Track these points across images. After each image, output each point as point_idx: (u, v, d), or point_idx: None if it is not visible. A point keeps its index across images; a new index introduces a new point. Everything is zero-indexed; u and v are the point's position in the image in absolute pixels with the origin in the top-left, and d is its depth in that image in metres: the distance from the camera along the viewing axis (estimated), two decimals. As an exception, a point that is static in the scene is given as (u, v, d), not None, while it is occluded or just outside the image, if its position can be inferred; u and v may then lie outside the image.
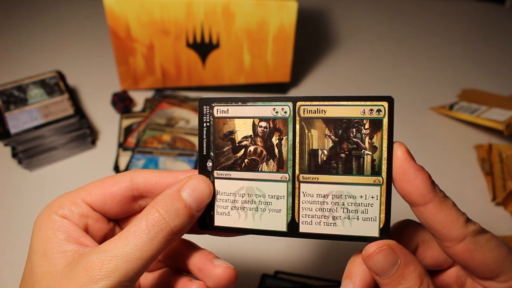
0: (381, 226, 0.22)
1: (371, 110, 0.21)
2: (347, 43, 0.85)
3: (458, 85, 0.73)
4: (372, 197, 0.22)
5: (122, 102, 0.62)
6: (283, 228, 0.23)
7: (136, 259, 0.21)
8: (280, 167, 0.23)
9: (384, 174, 0.22)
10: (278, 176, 0.23)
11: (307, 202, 0.23)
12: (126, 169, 0.54)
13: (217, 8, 0.59)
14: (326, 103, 0.22)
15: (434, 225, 0.22)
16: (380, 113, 0.21)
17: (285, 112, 0.23)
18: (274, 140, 0.23)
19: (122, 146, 0.58)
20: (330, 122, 0.22)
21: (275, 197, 0.23)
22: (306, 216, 0.23)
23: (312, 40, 0.85)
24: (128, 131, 0.60)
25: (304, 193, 0.23)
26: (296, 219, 0.23)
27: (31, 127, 0.52)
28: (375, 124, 0.21)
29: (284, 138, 0.23)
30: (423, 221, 0.23)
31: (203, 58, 0.64)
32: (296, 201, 0.23)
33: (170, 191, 0.24)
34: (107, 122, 0.62)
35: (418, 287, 0.21)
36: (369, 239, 0.22)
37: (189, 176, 0.25)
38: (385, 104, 0.21)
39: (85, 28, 0.86)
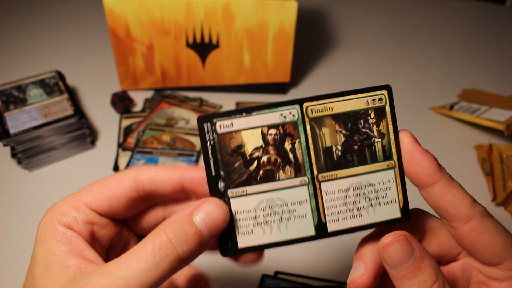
0: (401, 206, 0.23)
1: (374, 99, 0.22)
2: (347, 43, 0.85)
3: (458, 85, 0.73)
4: (389, 181, 0.23)
5: (121, 102, 0.62)
6: (311, 232, 0.23)
7: (139, 284, 0.20)
8: (298, 172, 0.23)
9: (395, 157, 0.22)
10: (297, 181, 0.23)
11: (330, 200, 0.23)
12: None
13: (217, 8, 0.59)
14: (332, 100, 0.22)
15: (443, 204, 0.22)
16: (382, 101, 0.22)
17: (293, 116, 0.22)
18: (287, 145, 0.23)
19: (121, 146, 0.58)
20: (339, 118, 0.22)
21: (298, 202, 0.23)
22: (332, 214, 0.23)
23: (312, 40, 0.85)
24: (127, 131, 0.60)
25: (326, 192, 0.23)
26: (323, 220, 0.23)
27: (30, 127, 0.52)
28: (379, 112, 0.22)
29: (297, 141, 0.23)
30: (432, 203, 0.23)
31: (203, 58, 0.64)
32: (320, 202, 0.23)
33: (181, 214, 0.22)
34: (107, 122, 0.62)
35: (434, 282, 0.20)
36: (392, 222, 0.23)
37: (204, 199, 0.23)
38: (385, 92, 0.23)
39: (84, 28, 0.86)
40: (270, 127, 0.23)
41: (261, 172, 0.23)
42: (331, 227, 0.23)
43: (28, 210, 0.49)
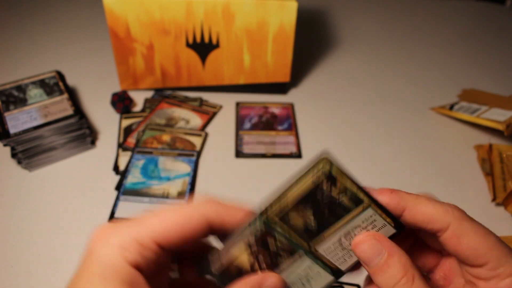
0: (393, 225, 0.24)
1: (318, 172, 0.23)
2: (347, 43, 0.85)
3: (458, 85, 0.73)
4: (371, 216, 0.23)
5: (121, 102, 0.62)
6: (331, 278, 0.25)
7: None
8: (292, 253, 0.25)
9: (365, 198, 0.23)
10: (296, 257, 0.25)
11: (330, 253, 0.25)
12: (126, 169, 0.54)
13: (217, 8, 0.59)
14: (284, 199, 0.24)
15: (419, 224, 0.23)
16: (326, 169, 0.23)
17: (262, 228, 0.24)
18: (272, 245, 0.25)
19: (121, 146, 0.58)
20: (299, 204, 0.24)
21: (308, 268, 0.25)
22: (338, 259, 0.25)
23: (312, 40, 0.85)
24: (127, 131, 0.60)
25: (324, 250, 0.24)
26: (334, 267, 0.25)
27: (30, 127, 0.52)
28: (329, 177, 0.23)
29: (278, 238, 0.25)
30: (410, 226, 0.24)
31: (203, 58, 0.64)
32: (324, 259, 0.25)
33: (251, 281, 0.24)
34: (107, 122, 0.62)
35: (402, 276, 0.22)
36: (392, 237, 0.24)
37: (269, 274, 0.25)
38: (324, 162, 0.23)
39: (84, 28, 0.86)
40: (250, 245, 0.25)
41: (263, 265, 0.25)
42: (343, 267, 0.25)
43: (28, 210, 0.49)
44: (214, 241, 0.26)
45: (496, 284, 0.22)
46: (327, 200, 0.23)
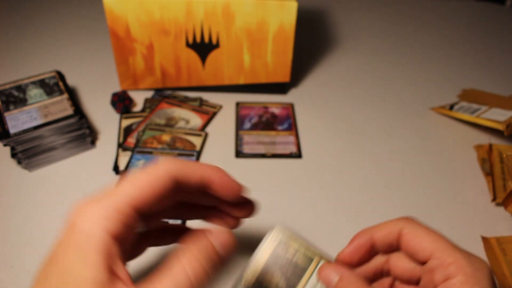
0: None
1: (273, 240, 0.29)
2: (347, 43, 0.85)
3: (458, 85, 0.73)
4: None
5: (121, 102, 0.62)
6: None
7: None
8: None
9: (314, 255, 0.30)
10: None
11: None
12: (126, 169, 0.54)
13: (217, 8, 0.59)
14: (254, 266, 0.29)
15: (385, 241, 0.29)
16: (279, 235, 0.30)
17: None
18: None
19: (121, 146, 0.58)
20: (267, 269, 0.29)
21: None
22: None
23: (312, 40, 0.85)
24: (127, 131, 0.60)
25: None
26: None
27: (30, 127, 0.52)
28: (283, 243, 0.30)
29: None
30: (382, 250, 0.30)
31: (203, 58, 0.64)
32: None
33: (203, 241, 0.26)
34: (107, 122, 0.62)
35: None
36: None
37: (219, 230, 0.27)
38: (276, 230, 0.30)
39: (84, 28, 0.86)
40: None
41: None
42: None
43: (28, 210, 0.49)
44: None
45: (441, 273, 0.25)
46: (286, 262, 0.28)
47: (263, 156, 0.57)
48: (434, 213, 0.50)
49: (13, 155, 0.53)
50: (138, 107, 0.65)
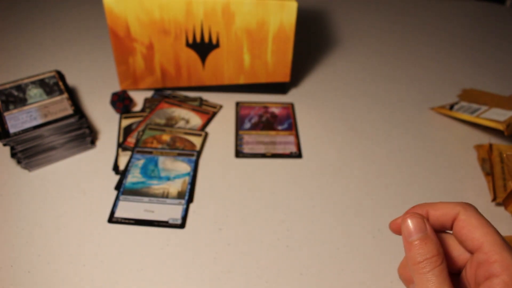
0: None
1: None
2: (347, 43, 0.85)
3: (458, 85, 0.73)
4: None
5: (121, 102, 0.62)
6: None
7: None
8: None
9: None
10: None
11: None
12: (126, 168, 0.54)
13: (217, 7, 0.59)
14: None
15: (439, 220, 0.28)
16: None
17: None
18: None
19: (121, 146, 0.58)
20: None
21: None
22: None
23: (312, 40, 0.85)
24: (127, 131, 0.60)
25: None
26: None
27: (30, 126, 0.52)
28: None
29: None
30: (437, 227, 0.29)
31: (202, 58, 0.64)
32: None
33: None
34: (107, 122, 0.62)
35: (434, 255, 0.25)
36: None
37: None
38: None
39: (84, 28, 0.86)
40: None
41: None
42: None
43: (28, 210, 0.49)
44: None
45: (486, 269, 0.25)
46: None
47: (263, 156, 0.57)
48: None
49: (13, 155, 0.53)
50: (138, 107, 0.65)
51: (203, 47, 0.63)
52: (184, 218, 0.48)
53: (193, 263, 0.44)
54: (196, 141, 0.59)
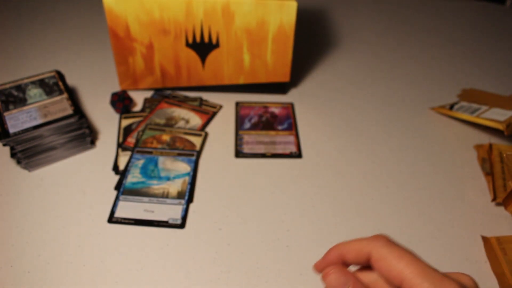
0: None
1: None
2: (347, 43, 0.85)
3: (458, 85, 0.73)
4: None
5: (121, 102, 0.62)
6: None
7: None
8: None
9: None
10: None
11: None
12: (126, 168, 0.54)
13: (217, 7, 0.59)
14: None
15: (356, 261, 0.27)
16: None
17: None
18: None
19: (121, 146, 0.58)
20: None
21: None
22: None
23: (312, 40, 0.85)
24: (127, 131, 0.60)
25: None
26: None
27: (30, 126, 0.52)
28: None
29: None
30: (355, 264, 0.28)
31: (202, 58, 0.64)
32: None
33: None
34: (107, 122, 0.62)
35: None
36: None
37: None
38: None
39: (84, 28, 0.86)
40: None
41: None
42: None
43: (28, 210, 0.49)
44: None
45: None
46: None
47: (263, 156, 0.57)
48: (434, 213, 0.50)
49: (13, 155, 0.53)
50: (138, 107, 0.65)
51: (203, 47, 0.63)
52: (184, 218, 0.48)
53: (193, 263, 0.44)
54: (196, 141, 0.59)
